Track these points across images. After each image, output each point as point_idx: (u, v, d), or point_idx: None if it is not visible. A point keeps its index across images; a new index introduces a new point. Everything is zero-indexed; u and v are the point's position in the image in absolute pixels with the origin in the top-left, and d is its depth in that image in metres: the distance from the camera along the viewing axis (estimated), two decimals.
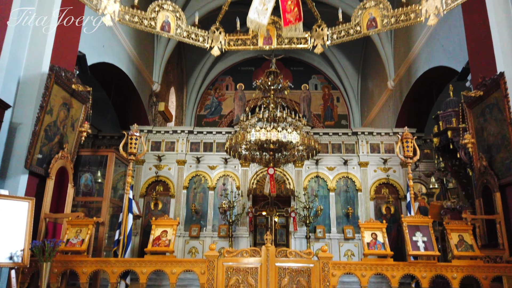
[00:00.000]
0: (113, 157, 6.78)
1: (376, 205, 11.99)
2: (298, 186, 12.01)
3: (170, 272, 5.35)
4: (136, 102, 12.24)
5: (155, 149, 12.49)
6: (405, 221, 5.61)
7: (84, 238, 5.51)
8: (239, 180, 12.19)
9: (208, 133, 12.62)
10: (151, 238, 5.54)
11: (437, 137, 7.35)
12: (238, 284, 5.38)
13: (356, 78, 18.09)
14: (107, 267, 5.37)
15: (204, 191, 12.27)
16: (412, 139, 6.12)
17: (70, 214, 5.92)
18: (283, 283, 5.38)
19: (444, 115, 7.31)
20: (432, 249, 5.40)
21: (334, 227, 11.76)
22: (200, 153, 12.47)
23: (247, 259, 5.48)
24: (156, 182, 12.26)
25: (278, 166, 9.14)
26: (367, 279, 5.33)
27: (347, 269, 5.37)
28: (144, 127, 12.38)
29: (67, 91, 6.28)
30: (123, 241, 5.60)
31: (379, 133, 12.36)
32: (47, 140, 6.04)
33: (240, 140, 7.74)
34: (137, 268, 5.36)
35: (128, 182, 5.88)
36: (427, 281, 5.27)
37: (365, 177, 12.12)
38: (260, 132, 7.55)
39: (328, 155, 12.40)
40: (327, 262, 5.32)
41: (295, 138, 7.64)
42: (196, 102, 18.29)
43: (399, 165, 12.15)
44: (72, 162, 6.62)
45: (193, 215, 11.96)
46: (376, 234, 5.64)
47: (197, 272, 5.36)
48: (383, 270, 5.34)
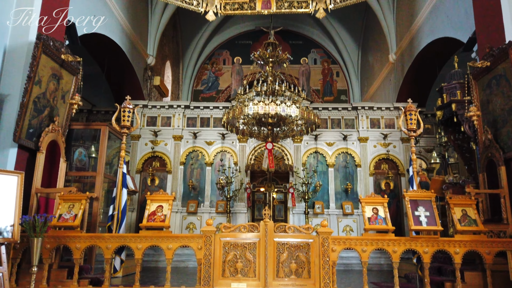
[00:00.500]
0: (106, 131, 6.55)
1: (376, 181, 11.88)
2: (296, 161, 11.85)
3: (166, 247, 5.23)
4: (131, 76, 11.90)
5: (151, 124, 12.25)
6: (408, 195, 5.46)
7: (77, 213, 5.35)
8: (237, 155, 12.02)
9: (205, 108, 12.35)
10: (146, 213, 5.39)
11: (441, 110, 7.13)
12: (235, 259, 5.27)
13: (356, 51, 17.69)
14: (101, 242, 5.23)
15: (201, 167, 12.12)
16: (416, 112, 5.91)
17: (62, 189, 5.74)
18: (281, 258, 5.27)
19: (448, 87, 7.07)
20: (434, 224, 5.27)
21: (333, 203, 11.68)
22: (197, 128, 12.24)
23: (245, 234, 5.35)
24: (153, 157, 12.08)
25: (276, 141, 8.94)
26: (368, 254, 5.22)
27: (347, 244, 5.26)
28: (139, 102, 12.08)
29: (56, 62, 5.99)
30: (117, 216, 5.44)
31: (380, 107, 12.12)
32: (37, 112, 5.80)
33: (237, 114, 7.50)
34: (132, 244, 5.23)
35: (122, 156, 5.67)
36: (429, 256, 5.16)
37: (364, 152, 11.96)
38: (258, 106, 7.31)
39: (327, 130, 12.19)
40: (327, 237, 5.19)
41: (294, 111, 7.41)
42: (192, 77, 17.90)
43: (399, 140, 11.98)
44: (64, 136, 6.39)
45: (191, 191, 11.84)
46: (377, 208, 5.49)
47: (194, 247, 5.24)
48: (384, 245, 5.22)
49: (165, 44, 15.13)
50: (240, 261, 5.24)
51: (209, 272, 5.10)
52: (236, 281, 5.20)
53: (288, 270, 5.23)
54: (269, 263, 5.22)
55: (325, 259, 5.12)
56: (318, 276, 5.13)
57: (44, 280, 5.08)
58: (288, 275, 5.22)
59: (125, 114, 5.67)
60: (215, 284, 5.15)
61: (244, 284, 5.19)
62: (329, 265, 5.10)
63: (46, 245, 5.13)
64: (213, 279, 5.12)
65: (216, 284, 5.16)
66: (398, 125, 12.06)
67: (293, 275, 5.21)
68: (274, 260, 5.25)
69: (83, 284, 5.22)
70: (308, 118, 7.61)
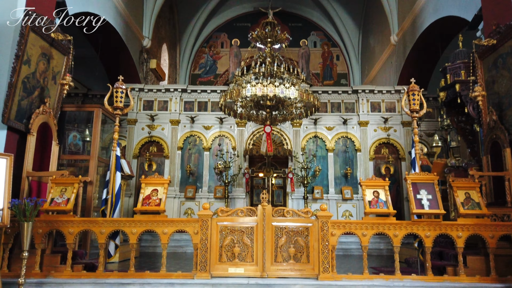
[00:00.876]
0: (100, 113, 6.35)
1: (376, 165, 11.75)
2: (296, 146, 11.68)
3: (162, 232, 5.09)
4: (126, 58, 11.63)
5: (148, 108, 12.03)
6: (409, 178, 5.30)
7: (70, 197, 5.20)
8: (235, 140, 11.85)
9: (203, 91, 12.13)
10: (141, 197, 5.24)
11: (444, 91, 6.92)
12: (233, 244, 5.14)
13: (357, 34, 17.34)
14: (94, 227, 5.09)
15: (199, 152, 11.95)
16: (419, 92, 5.72)
17: (54, 172, 5.58)
18: (280, 242, 5.14)
19: (452, 67, 6.85)
20: (437, 207, 5.13)
21: (332, 188, 11.56)
22: (195, 112, 12.04)
23: (242, 219, 5.21)
24: (150, 142, 11.91)
25: (275, 124, 8.75)
26: (368, 238, 5.09)
27: (347, 228, 5.12)
28: (135, 85, 11.85)
29: (45, 40, 5.75)
30: (111, 201, 5.29)
31: (381, 91, 11.90)
32: (26, 93, 5.59)
33: (235, 96, 7.30)
34: (127, 228, 5.09)
35: (115, 138, 5.49)
36: (430, 240, 5.03)
37: (364, 136, 11.79)
38: (256, 87, 7.10)
39: (327, 114, 12.00)
40: (326, 221, 5.05)
41: (293, 93, 7.21)
42: (190, 61, 17.58)
43: (400, 124, 11.80)
44: (56, 118, 6.20)
45: (189, 176, 11.70)
46: (378, 192, 5.34)
47: (190, 232, 5.10)
48: (385, 229, 5.09)
49: (161, 26, 14.79)
50: (237, 246, 5.11)
51: (206, 257, 4.98)
52: (233, 266, 5.08)
53: (287, 254, 5.11)
54: (267, 247, 5.10)
55: (325, 243, 4.99)
56: (317, 261, 5.01)
57: (36, 265, 4.95)
58: (287, 259, 5.10)
59: (117, 95, 5.46)
60: (212, 269, 5.03)
61: (242, 269, 5.07)
62: (329, 250, 4.98)
63: (38, 229, 4.99)
64: (209, 264, 5.00)
65: (213, 269, 5.04)
66: (399, 108, 11.87)
67: (291, 260, 5.09)
68: (272, 245, 5.13)
69: (77, 270, 5.09)
70: (307, 100, 7.40)
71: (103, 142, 12.40)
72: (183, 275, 5.00)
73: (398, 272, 5.00)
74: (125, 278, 4.89)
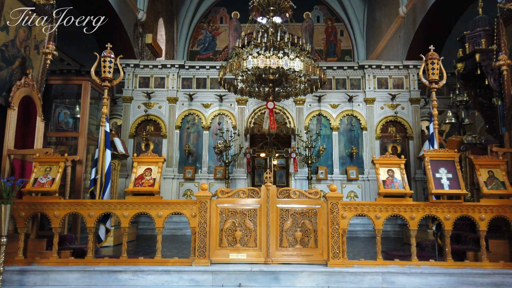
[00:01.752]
0: (88, 86, 5.83)
1: (382, 145, 11.26)
2: (299, 125, 11.18)
3: (156, 215, 4.66)
4: (119, 32, 10.99)
5: (144, 85, 11.48)
6: (428, 155, 4.83)
7: (55, 177, 4.74)
8: (236, 119, 11.33)
9: (201, 67, 11.54)
10: (133, 177, 4.78)
11: (462, 62, 6.37)
12: (234, 227, 4.71)
13: (362, 8, 16.57)
14: (82, 210, 4.65)
15: (198, 131, 11.45)
16: (439, 60, 5.18)
17: (37, 150, 5.10)
18: (285, 226, 4.71)
19: (471, 35, 6.28)
20: (458, 187, 4.67)
21: (336, 168, 11.11)
22: (193, 90, 11.48)
23: (244, 200, 4.77)
24: (146, 121, 11.40)
25: (278, 99, 8.21)
26: (382, 221, 4.66)
27: (359, 210, 4.68)
28: (130, 61, 11.28)
29: (25, 4, 5.18)
30: (101, 181, 4.83)
31: (388, 66, 11.32)
32: (5, 63, 5.07)
33: (235, 68, 6.75)
34: (118, 211, 4.65)
35: (104, 112, 4.99)
36: (450, 223, 4.60)
37: (371, 114, 11.27)
38: (258, 59, 6.55)
39: (331, 91, 11.45)
40: (336, 203, 4.61)
41: (298, 65, 6.66)
42: (188, 37, 16.87)
43: (408, 101, 11.25)
44: (40, 91, 5.69)
45: (187, 157, 11.24)
46: (393, 170, 4.88)
47: (187, 215, 4.67)
48: (401, 211, 4.65)
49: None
50: (239, 230, 4.68)
51: (205, 241, 4.55)
52: (235, 251, 4.66)
53: (293, 239, 4.69)
54: (271, 231, 4.67)
55: (334, 226, 4.56)
56: (326, 246, 4.60)
57: (20, 251, 4.53)
58: (293, 244, 4.68)
59: (105, 65, 4.93)
60: (212, 255, 4.62)
61: (244, 254, 4.66)
62: (339, 234, 4.55)
63: (20, 212, 4.55)
64: (209, 249, 4.58)
65: (213, 255, 4.63)
66: (407, 85, 11.33)
67: (298, 245, 4.67)
68: (277, 228, 4.70)
69: (65, 256, 4.68)
70: (313, 72, 6.85)
71: (98, 120, 11.89)
72: (180, 261, 4.59)
73: (415, 258, 4.58)
74: (116, 265, 4.48)
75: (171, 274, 4.39)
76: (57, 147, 7.33)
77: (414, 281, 4.34)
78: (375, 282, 4.35)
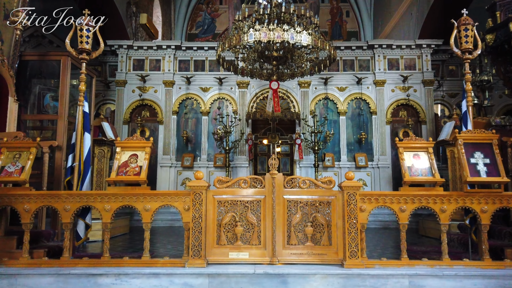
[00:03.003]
0: (68, 62, 5.11)
1: (393, 130, 10.56)
2: (304, 109, 10.46)
3: (143, 208, 3.99)
4: (111, 10, 10.19)
5: (138, 68, 10.76)
6: (461, 137, 4.12)
7: (25, 165, 4.06)
8: (236, 103, 10.62)
9: (199, 48, 10.78)
10: (116, 164, 4.10)
11: (492, 32, 5.61)
12: (234, 222, 4.05)
13: None
14: (57, 203, 3.98)
15: (196, 117, 10.76)
16: (473, 26, 4.44)
17: (5, 133, 4.41)
18: (294, 220, 4.05)
19: (503, 2, 5.52)
20: (497, 174, 3.97)
21: (344, 155, 10.41)
22: (191, 72, 10.75)
23: (246, 191, 4.10)
24: (141, 106, 10.71)
25: (282, 79, 7.47)
26: (408, 214, 3.98)
27: (381, 201, 4.00)
28: (123, 42, 10.55)
29: None
30: (79, 169, 4.15)
31: (399, 45, 10.55)
32: None
33: (235, 43, 6.01)
34: (98, 204, 3.98)
35: (81, 90, 4.28)
36: (488, 216, 3.92)
37: (381, 97, 10.54)
38: (261, 32, 5.80)
39: (338, 73, 10.71)
40: (353, 193, 3.93)
41: (306, 39, 5.91)
42: (186, 19, 16.02)
43: (420, 83, 10.51)
44: (13, 69, 4.98)
45: (186, 144, 10.56)
46: (420, 155, 4.19)
47: (179, 208, 4.00)
48: (430, 203, 3.97)
49: None
50: (240, 225, 4.02)
51: (200, 239, 3.89)
52: (235, 250, 4.01)
53: (303, 235, 4.03)
54: (277, 226, 4.01)
55: (352, 221, 3.89)
56: (342, 243, 3.94)
57: None
58: (303, 241, 4.02)
59: (82, 34, 4.21)
60: (208, 254, 3.96)
61: (246, 253, 4.00)
62: (357, 229, 3.89)
63: None
64: (205, 248, 3.93)
65: (210, 254, 3.97)
66: (420, 65, 10.56)
67: (309, 242, 4.02)
68: (284, 223, 4.04)
69: (38, 256, 4.03)
70: (322, 47, 6.11)
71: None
72: (172, 262, 3.93)
73: (446, 257, 3.91)
74: (96, 267, 3.83)
75: (160, 278, 3.74)
76: (42, 132, 6.66)
77: (447, 284, 3.67)
78: (401, 286, 3.69)
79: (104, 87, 11.39)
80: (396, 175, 10.10)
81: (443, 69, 11.32)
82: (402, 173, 4.09)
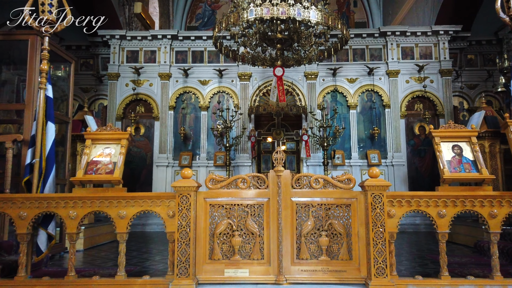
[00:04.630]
0: (37, 42, 4.32)
1: (408, 124, 9.72)
2: (311, 102, 9.65)
3: (117, 215, 3.20)
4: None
5: (132, 60, 10.00)
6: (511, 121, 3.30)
7: None
8: (238, 97, 9.83)
9: (197, 38, 10.02)
10: (84, 160, 3.32)
11: None
12: (231, 231, 3.26)
13: None
14: (10, 208, 3.21)
15: (195, 112, 9.98)
16: None
17: None
18: (305, 228, 3.25)
19: None
20: None
21: (355, 152, 9.59)
22: (188, 64, 9.97)
23: (245, 192, 3.30)
24: (136, 101, 9.95)
25: (289, 64, 6.66)
26: (449, 220, 3.16)
27: (415, 205, 3.18)
28: (115, 32, 9.80)
29: None
30: (40, 167, 3.37)
31: (414, 32, 9.72)
32: None
33: (233, 22, 5.22)
34: (61, 210, 3.20)
35: (43, 70, 3.51)
36: None
37: (394, 89, 9.70)
38: (263, 8, 5.00)
39: (348, 63, 9.89)
40: (379, 194, 3.12)
41: (315, 15, 5.10)
42: (185, 11, 15.25)
43: (437, 73, 9.67)
44: None
45: (183, 141, 9.78)
46: (461, 147, 3.37)
47: (162, 214, 3.21)
48: (476, 206, 3.15)
49: None
50: (238, 235, 3.23)
51: (188, 253, 3.10)
52: (232, 266, 3.22)
53: (316, 247, 3.24)
54: (284, 236, 3.21)
55: (378, 229, 3.08)
56: (365, 257, 3.13)
57: None
58: (316, 255, 3.23)
59: (44, 2, 3.43)
60: (199, 272, 3.17)
61: (246, 270, 3.21)
62: (384, 239, 3.08)
63: None
64: (194, 264, 3.14)
65: (201, 272, 3.18)
66: (437, 54, 9.73)
67: (323, 256, 3.21)
68: (292, 232, 3.24)
69: None
70: (333, 26, 5.30)
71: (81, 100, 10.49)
72: (152, 283, 3.14)
73: (498, 274, 3.09)
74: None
75: None
76: (8, 126, 5.91)
77: None
78: None
79: (96, 81, 10.68)
80: (412, 173, 9.28)
81: (461, 58, 10.49)
82: (439, 169, 3.28)
